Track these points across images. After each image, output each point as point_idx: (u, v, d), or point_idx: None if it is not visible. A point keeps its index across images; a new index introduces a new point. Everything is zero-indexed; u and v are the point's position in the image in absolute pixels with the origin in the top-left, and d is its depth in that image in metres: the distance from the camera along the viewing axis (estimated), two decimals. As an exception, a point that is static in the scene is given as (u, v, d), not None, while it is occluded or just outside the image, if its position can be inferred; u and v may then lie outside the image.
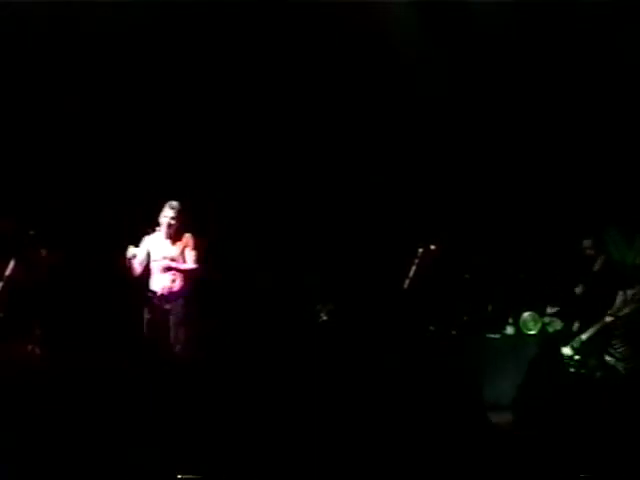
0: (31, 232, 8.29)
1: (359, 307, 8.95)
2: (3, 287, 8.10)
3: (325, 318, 9.01)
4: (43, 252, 8.38)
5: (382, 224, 9.23)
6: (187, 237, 7.84)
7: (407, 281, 8.49)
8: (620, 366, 7.86)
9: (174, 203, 7.79)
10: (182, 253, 7.84)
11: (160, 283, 7.82)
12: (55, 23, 8.49)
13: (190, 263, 7.84)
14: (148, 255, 7.86)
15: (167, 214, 7.78)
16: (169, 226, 7.78)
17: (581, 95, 8.55)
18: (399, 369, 8.01)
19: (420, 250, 8.55)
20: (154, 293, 7.82)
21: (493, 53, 8.59)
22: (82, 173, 9.21)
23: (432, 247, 8.59)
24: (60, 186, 9.13)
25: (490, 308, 8.74)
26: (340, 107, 9.15)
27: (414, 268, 8.52)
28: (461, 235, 9.00)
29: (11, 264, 8.15)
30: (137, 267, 7.80)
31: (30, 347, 8.23)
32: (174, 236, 7.83)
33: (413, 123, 9.08)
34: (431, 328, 8.75)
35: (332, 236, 9.26)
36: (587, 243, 8.26)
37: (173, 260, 7.79)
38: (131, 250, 7.75)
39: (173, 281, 7.80)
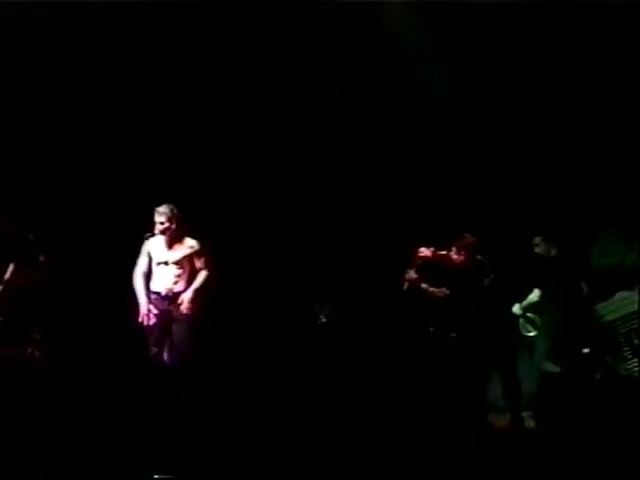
0: (30, 236, 8.30)
1: (358, 309, 8.95)
2: (2, 291, 8.12)
3: (324, 320, 9.01)
4: (42, 256, 8.37)
5: (382, 225, 9.22)
6: (193, 244, 7.85)
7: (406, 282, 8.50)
8: (621, 367, 7.86)
9: (161, 209, 7.76)
10: (188, 258, 7.84)
11: (162, 284, 7.82)
12: (54, 23, 8.49)
13: (202, 272, 7.86)
14: (150, 258, 7.87)
15: (156, 219, 7.78)
16: (162, 232, 7.77)
17: (581, 95, 8.56)
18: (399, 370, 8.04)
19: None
20: (157, 294, 7.83)
21: (492, 53, 8.60)
22: (82, 176, 9.21)
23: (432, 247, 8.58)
24: (60, 189, 9.13)
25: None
26: (340, 106, 9.16)
27: (414, 269, 8.51)
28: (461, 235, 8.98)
29: (10, 268, 8.16)
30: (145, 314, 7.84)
31: (30, 351, 8.22)
32: (172, 241, 7.83)
33: (413, 123, 9.08)
34: (431, 329, 8.74)
35: (332, 237, 9.26)
36: (537, 240, 8.29)
37: (175, 264, 7.80)
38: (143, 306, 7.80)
39: (175, 283, 7.82)
